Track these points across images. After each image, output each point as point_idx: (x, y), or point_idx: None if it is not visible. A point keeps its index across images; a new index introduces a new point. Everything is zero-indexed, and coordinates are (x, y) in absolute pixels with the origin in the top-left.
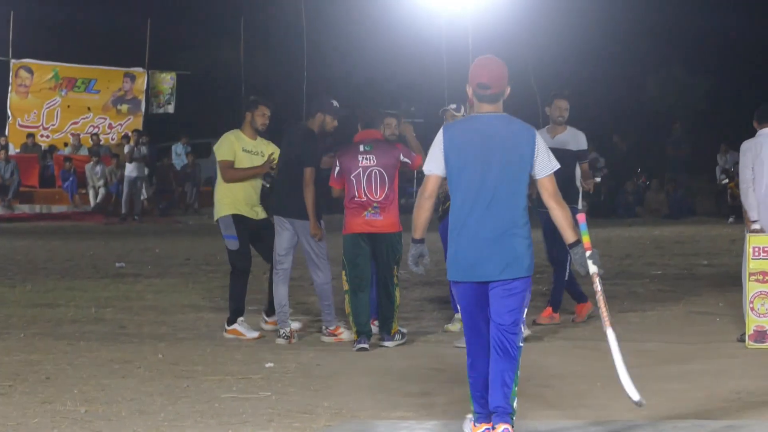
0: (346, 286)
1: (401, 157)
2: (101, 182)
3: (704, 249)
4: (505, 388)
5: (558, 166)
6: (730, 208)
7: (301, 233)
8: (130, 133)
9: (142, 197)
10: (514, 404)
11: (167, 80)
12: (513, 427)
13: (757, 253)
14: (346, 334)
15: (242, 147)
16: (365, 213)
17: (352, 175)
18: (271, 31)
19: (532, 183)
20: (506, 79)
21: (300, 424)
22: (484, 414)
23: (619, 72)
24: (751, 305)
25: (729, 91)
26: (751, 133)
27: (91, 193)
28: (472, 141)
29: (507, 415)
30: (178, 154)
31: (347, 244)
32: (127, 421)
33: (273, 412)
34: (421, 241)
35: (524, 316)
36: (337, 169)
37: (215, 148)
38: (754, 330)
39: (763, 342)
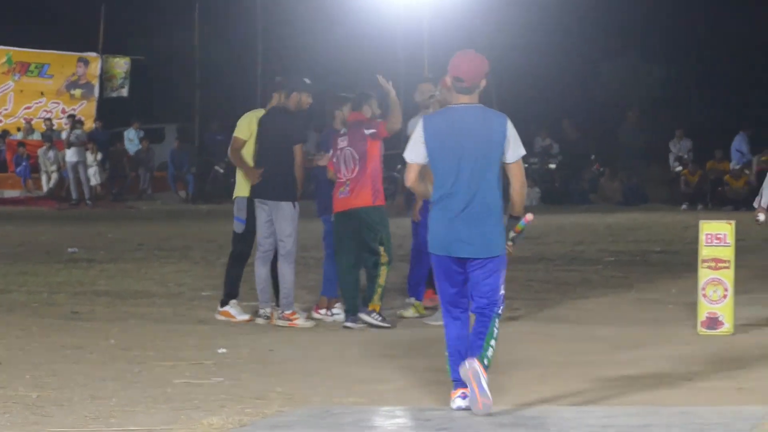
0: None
1: (365, 131)
2: (54, 167)
3: (657, 236)
4: (480, 342)
5: (524, 152)
6: (684, 195)
7: (275, 215)
8: (70, 119)
9: (94, 182)
10: (489, 353)
11: (121, 65)
12: (484, 368)
13: (709, 240)
14: (300, 321)
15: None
16: (339, 192)
17: (335, 158)
18: (226, 16)
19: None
20: (482, 73)
21: (252, 409)
22: (461, 380)
23: (573, 59)
24: (703, 292)
25: (683, 79)
26: (707, 120)
27: (44, 178)
28: (449, 131)
29: (479, 353)
30: (131, 140)
31: (334, 223)
32: (78, 406)
33: (225, 398)
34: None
35: (502, 290)
36: (330, 152)
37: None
38: (706, 317)
39: (715, 329)
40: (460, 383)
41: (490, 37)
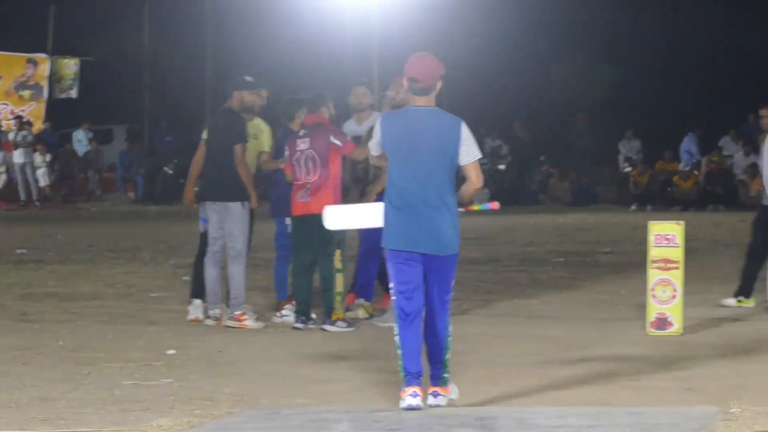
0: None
1: (332, 138)
2: (2, 168)
3: (606, 236)
4: (438, 365)
5: (480, 155)
6: (633, 196)
7: (223, 216)
8: (16, 120)
9: (43, 183)
10: (446, 374)
11: (71, 66)
12: (445, 387)
13: (658, 241)
14: (250, 322)
15: None
16: (297, 195)
17: (294, 159)
18: (176, 17)
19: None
20: (437, 76)
21: (201, 411)
22: (413, 376)
23: (523, 61)
24: (652, 292)
25: (633, 80)
26: (657, 120)
27: None
28: (405, 132)
29: (440, 376)
30: (80, 141)
31: (292, 226)
32: (27, 408)
33: (174, 399)
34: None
35: (452, 288)
36: (287, 153)
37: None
38: (655, 317)
39: (664, 329)
40: (410, 381)
41: (440, 38)
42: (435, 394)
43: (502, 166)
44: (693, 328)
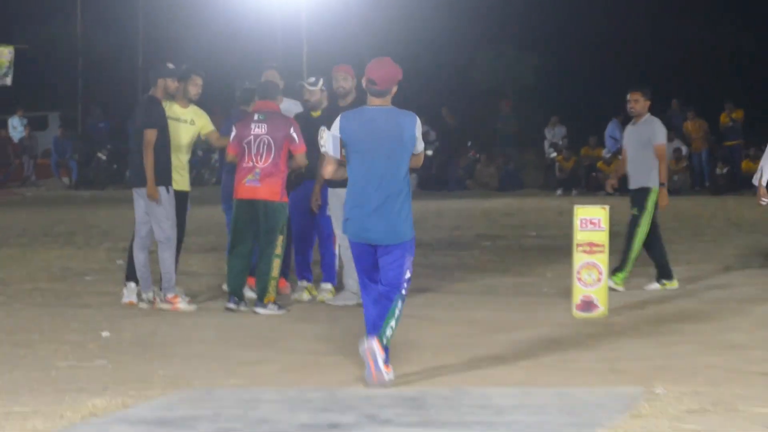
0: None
1: (291, 131)
2: None
3: (532, 221)
4: (380, 322)
5: (423, 146)
6: (558, 181)
7: (145, 201)
8: None
9: None
10: (387, 333)
11: (5, 54)
12: (381, 345)
13: (584, 225)
14: (183, 304)
15: (170, 115)
16: (246, 179)
17: (245, 141)
18: (108, 6)
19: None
20: (394, 80)
21: (135, 392)
22: (376, 328)
23: (450, 48)
24: (578, 275)
25: (557, 67)
26: (582, 106)
27: None
28: (363, 129)
29: (376, 333)
30: (14, 127)
31: (234, 208)
32: None
33: (109, 380)
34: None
35: (408, 274)
36: (233, 134)
37: None
38: (580, 300)
39: (589, 311)
40: (371, 332)
41: (367, 27)
42: (368, 341)
43: (429, 152)
44: (618, 311)
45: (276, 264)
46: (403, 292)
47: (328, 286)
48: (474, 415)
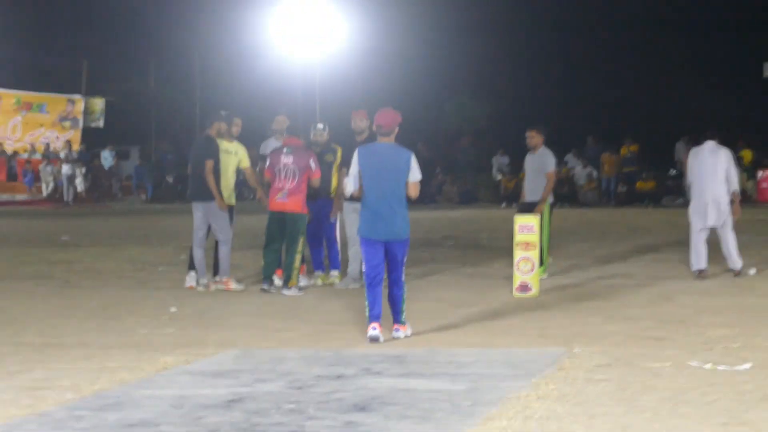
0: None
1: (311, 161)
2: (51, 178)
3: (484, 226)
4: (398, 306)
5: (420, 177)
6: (503, 197)
7: (207, 211)
8: (67, 143)
9: (79, 189)
10: (404, 311)
11: (98, 104)
12: (404, 325)
13: (521, 230)
14: (234, 285)
15: (222, 149)
16: (277, 196)
17: (276, 168)
18: (174, 67)
19: None
20: (395, 123)
21: (195, 351)
22: (375, 315)
23: (425, 98)
24: (517, 266)
25: (502, 113)
26: (520, 140)
27: (43, 186)
28: (373, 159)
29: (400, 318)
30: (105, 158)
31: (268, 217)
32: (70, 349)
33: (176, 343)
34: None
35: (405, 261)
36: (268, 162)
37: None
38: (519, 284)
39: (525, 293)
40: (372, 319)
41: (364, 82)
42: (396, 330)
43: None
44: (546, 292)
45: (298, 258)
46: (403, 278)
47: (335, 272)
48: (442, 369)
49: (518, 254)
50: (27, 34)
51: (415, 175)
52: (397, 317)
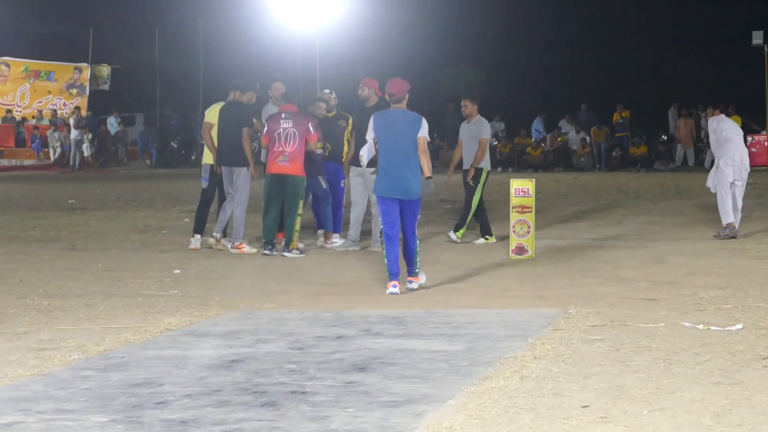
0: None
1: (309, 125)
2: (58, 144)
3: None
4: (412, 259)
5: (427, 136)
6: (499, 162)
7: (234, 175)
8: (75, 109)
9: (86, 154)
10: (417, 265)
11: (104, 70)
12: (417, 276)
13: (517, 193)
14: (246, 248)
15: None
16: (278, 159)
17: (276, 132)
18: (177, 37)
19: None
20: (404, 90)
21: (198, 312)
22: (394, 274)
23: (423, 68)
24: (513, 229)
25: (497, 79)
26: (515, 107)
27: (51, 151)
28: (387, 123)
29: (413, 271)
30: (111, 124)
31: (267, 180)
32: (76, 310)
33: (179, 305)
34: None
35: (418, 218)
36: (266, 129)
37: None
38: (515, 246)
39: (521, 255)
40: (392, 278)
41: (363, 52)
42: (410, 282)
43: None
44: (541, 254)
45: (298, 220)
46: (416, 234)
47: (337, 235)
48: (439, 329)
49: (514, 217)
50: (34, 3)
51: (423, 132)
52: (411, 269)
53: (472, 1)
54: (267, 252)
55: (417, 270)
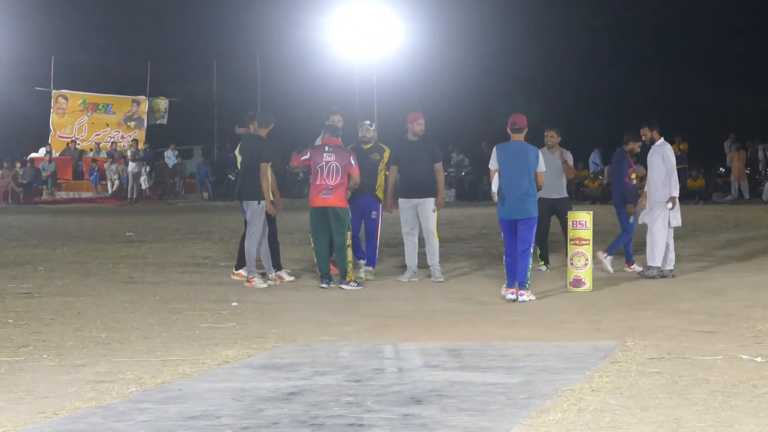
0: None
1: (351, 160)
2: (116, 176)
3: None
4: (524, 273)
5: (544, 168)
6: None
7: (247, 210)
8: (133, 142)
9: (144, 187)
10: (527, 281)
11: (162, 104)
12: (527, 290)
13: (575, 225)
14: (257, 281)
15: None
16: (321, 192)
17: (318, 165)
18: (235, 69)
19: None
20: (524, 125)
21: (256, 345)
22: (512, 283)
23: (479, 100)
24: (571, 261)
25: (554, 112)
26: (572, 141)
27: (109, 183)
28: (508, 154)
29: (524, 285)
30: (169, 157)
31: (311, 214)
32: (134, 343)
33: (236, 337)
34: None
35: (533, 237)
36: (305, 157)
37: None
38: (572, 278)
39: (579, 287)
40: (510, 285)
41: (420, 86)
42: (521, 295)
43: (463, 173)
44: (599, 286)
45: (349, 252)
46: (531, 248)
47: (370, 268)
48: (497, 362)
49: (572, 249)
50: (92, 37)
51: (541, 167)
52: (522, 284)
53: (528, 34)
54: (324, 285)
55: (528, 286)
